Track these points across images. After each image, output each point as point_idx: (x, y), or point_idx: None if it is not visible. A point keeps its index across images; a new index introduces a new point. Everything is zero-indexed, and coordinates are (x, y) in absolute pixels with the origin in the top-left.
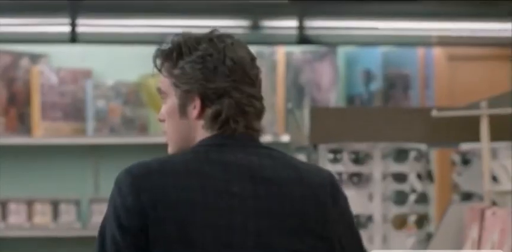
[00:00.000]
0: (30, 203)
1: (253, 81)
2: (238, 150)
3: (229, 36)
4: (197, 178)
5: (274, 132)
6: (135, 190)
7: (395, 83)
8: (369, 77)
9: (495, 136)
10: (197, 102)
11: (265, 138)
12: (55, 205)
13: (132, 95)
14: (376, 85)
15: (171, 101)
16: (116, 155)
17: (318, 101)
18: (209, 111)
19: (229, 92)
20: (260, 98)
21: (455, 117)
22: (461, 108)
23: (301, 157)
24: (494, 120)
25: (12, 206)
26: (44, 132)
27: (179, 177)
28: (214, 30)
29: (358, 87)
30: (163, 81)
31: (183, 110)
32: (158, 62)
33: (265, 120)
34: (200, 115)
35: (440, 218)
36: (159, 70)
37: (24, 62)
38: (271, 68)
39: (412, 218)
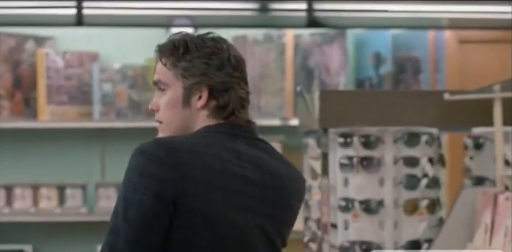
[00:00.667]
0: (35, 188)
1: (246, 78)
2: (244, 141)
3: (224, 39)
4: (218, 161)
5: (282, 116)
6: (169, 163)
7: (406, 67)
8: (378, 60)
9: (508, 120)
10: (204, 93)
11: (274, 122)
12: (61, 190)
13: (139, 79)
14: (386, 68)
15: (174, 92)
16: (122, 139)
17: (327, 85)
18: (214, 103)
19: (234, 87)
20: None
21: (467, 100)
22: (474, 92)
23: (311, 141)
24: (506, 103)
25: (17, 191)
26: (49, 116)
27: (204, 158)
28: (210, 32)
29: (368, 70)
30: (165, 74)
31: (187, 100)
32: (161, 56)
33: (274, 104)
34: (205, 106)
35: (452, 203)
36: (164, 64)
37: (30, 45)
38: (279, 51)
39: (424, 203)
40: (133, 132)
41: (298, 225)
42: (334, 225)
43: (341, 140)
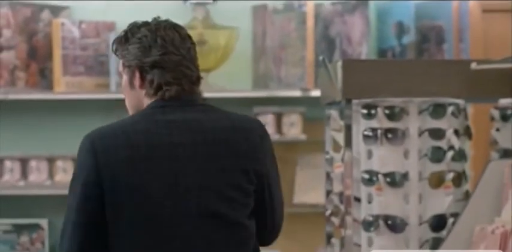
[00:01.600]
0: (51, 160)
1: (183, 55)
2: (177, 110)
3: (166, 21)
4: (143, 136)
5: (303, 87)
6: (92, 151)
7: (429, 36)
8: (401, 29)
9: None
10: (136, 74)
11: (294, 94)
12: None
13: None
14: (409, 38)
15: (124, 77)
16: None
17: (349, 55)
18: (147, 81)
19: (160, 63)
20: (192, 67)
21: (494, 70)
22: (501, 61)
23: (333, 113)
24: None
25: (32, 164)
26: (65, 87)
27: (128, 137)
28: (156, 17)
29: (390, 40)
30: (119, 64)
31: (131, 83)
32: (114, 49)
33: (294, 74)
34: (142, 85)
35: (479, 177)
36: (116, 55)
37: (45, 15)
38: (300, 21)
39: (450, 176)
40: None
41: (319, 198)
42: (357, 199)
43: (364, 111)
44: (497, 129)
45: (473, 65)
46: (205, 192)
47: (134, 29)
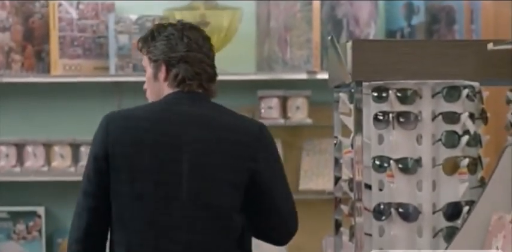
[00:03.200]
0: (48, 146)
1: (205, 53)
2: (191, 104)
3: (189, 23)
4: (153, 122)
5: (308, 70)
6: (105, 129)
7: (439, 17)
8: (410, 10)
9: None
10: (162, 68)
11: (300, 76)
12: (75, 148)
13: None
14: (419, 19)
15: (148, 71)
16: (139, 93)
17: (356, 36)
18: (171, 75)
19: (185, 59)
20: (212, 66)
21: (510, 51)
22: None
23: (343, 96)
24: None
25: (29, 149)
26: (62, 70)
27: (138, 121)
28: (180, 20)
29: (399, 21)
30: (143, 59)
31: (155, 76)
32: (139, 46)
33: (300, 57)
34: (166, 78)
35: (495, 162)
36: (141, 51)
37: None
38: (306, 1)
39: (465, 162)
40: None
41: (326, 184)
42: (367, 186)
43: (375, 94)
44: None
45: (490, 46)
46: (198, 183)
47: (161, 28)
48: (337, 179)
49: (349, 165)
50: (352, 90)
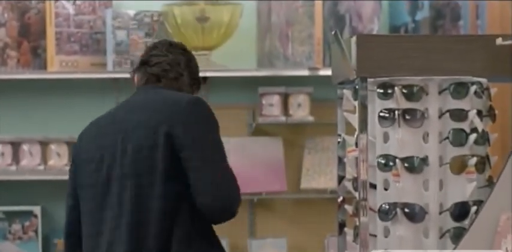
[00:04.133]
0: (44, 144)
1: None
2: (139, 94)
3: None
4: (108, 116)
5: (310, 66)
6: (80, 134)
7: (444, 12)
8: (415, 5)
9: None
10: None
11: (301, 73)
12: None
13: (156, 26)
14: (423, 14)
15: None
16: None
17: (359, 32)
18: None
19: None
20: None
21: None
22: None
23: (347, 93)
24: None
25: (25, 147)
26: (59, 66)
27: (100, 120)
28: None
29: (403, 16)
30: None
31: None
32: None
33: (302, 52)
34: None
35: (504, 161)
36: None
37: None
38: None
39: (473, 161)
40: None
41: (328, 183)
42: (372, 186)
43: (380, 91)
44: None
45: (499, 41)
46: (129, 157)
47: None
48: (340, 178)
49: (353, 164)
50: (357, 87)
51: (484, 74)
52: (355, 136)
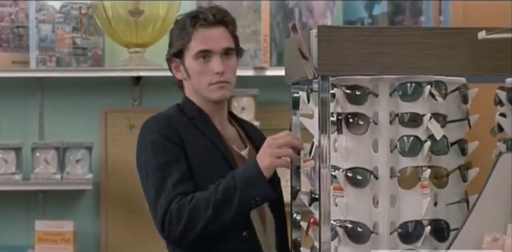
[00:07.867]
0: None
1: None
2: None
3: None
4: None
5: (256, 65)
6: None
7: (403, 7)
8: None
9: None
10: None
11: (246, 73)
12: None
13: (84, 20)
14: (381, 9)
15: (235, 56)
16: (64, 91)
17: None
18: None
19: None
20: None
21: (501, 43)
22: None
23: (303, 95)
24: None
25: None
26: None
27: None
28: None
29: (359, 11)
30: (231, 41)
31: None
32: (228, 24)
33: (246, 51)
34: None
35: (486, 173)
36: (230, 32)
37: None
38: None
39: (426, 174)
40: (77, 84)
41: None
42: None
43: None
44: (504, 115)
45: (482, 34)
46: None
47: None
48: (295, 192)
49: (309, 176)
50: (312, 88)
51: (462, 73)
52: (311, 144)
